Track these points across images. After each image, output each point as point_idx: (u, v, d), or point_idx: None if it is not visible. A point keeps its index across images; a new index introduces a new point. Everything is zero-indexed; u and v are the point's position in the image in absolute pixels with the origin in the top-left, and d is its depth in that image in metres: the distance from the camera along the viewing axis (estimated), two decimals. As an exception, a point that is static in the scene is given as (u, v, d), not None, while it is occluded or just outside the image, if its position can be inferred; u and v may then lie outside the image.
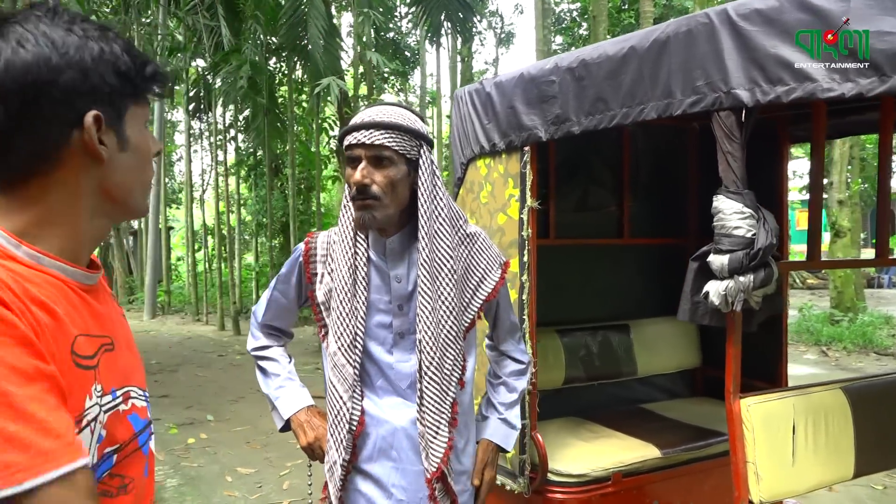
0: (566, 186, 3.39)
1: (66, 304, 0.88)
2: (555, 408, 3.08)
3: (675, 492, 2.81)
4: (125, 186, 0.94)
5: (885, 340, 10.08)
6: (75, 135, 0.87)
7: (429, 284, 1.70)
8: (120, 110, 0.91)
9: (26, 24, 0.85)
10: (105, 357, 0.92)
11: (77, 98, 0.86)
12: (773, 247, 1.81)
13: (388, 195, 1.67)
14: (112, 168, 0.91)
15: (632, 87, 2.11)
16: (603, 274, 3.51)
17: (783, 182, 3.15)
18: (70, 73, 0.85)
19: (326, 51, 10.15)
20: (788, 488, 1.92)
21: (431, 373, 1.70)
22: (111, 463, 0.92)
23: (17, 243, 0.86)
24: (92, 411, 0.87)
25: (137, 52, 0.93)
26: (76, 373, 0.85)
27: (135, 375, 1.00)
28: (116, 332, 0.97)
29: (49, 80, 0.84)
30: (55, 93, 0.84)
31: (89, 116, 0.86)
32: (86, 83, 0.86)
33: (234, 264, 15.66)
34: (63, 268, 0.90)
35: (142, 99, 0.95)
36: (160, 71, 0.96)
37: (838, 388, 2.08)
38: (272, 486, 4.90)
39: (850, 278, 11.79)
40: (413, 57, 18.06)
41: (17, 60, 0.83)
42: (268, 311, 1.97)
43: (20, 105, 0.83)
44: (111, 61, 0.89)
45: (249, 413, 7.02)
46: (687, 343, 3.59)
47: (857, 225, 12.61)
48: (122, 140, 0.92)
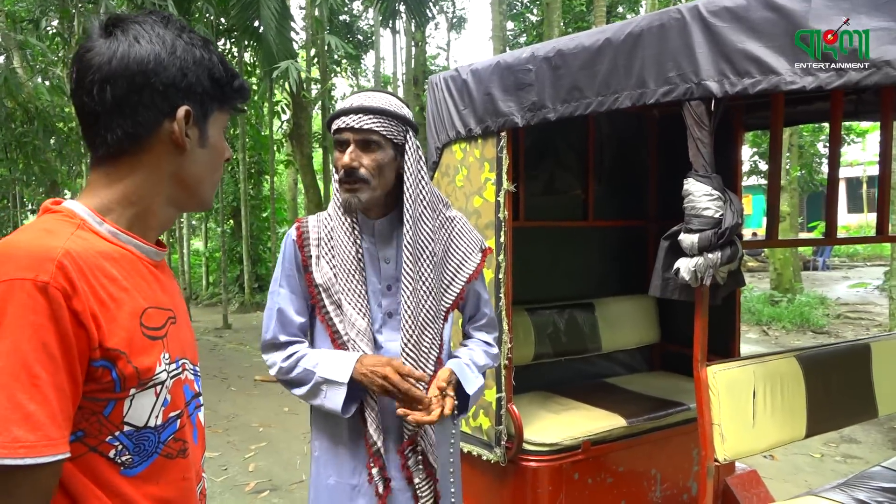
0: (535, 170, 3.51)
1: (138, 278, 0.97)
2: (525, 382, 3.22)
3: (639, 458, 3.00)
4: (198, 178, 1.05)
5: (821, 320, 10.62)
6: (166, 124, 0.98)
7: (411, 266, 1.78)
8: (207, 111, 1.03)
9: (144, 24, 0.97)
10: (171, 329, 1.01)
11: (175, 92, 0.98)
12: (738, 226, 1.97)
13: (376, 178, 1.74)
14: (190, 160, 1.03)
15: (607, 77, 2.23)
16: (569, 255, 3.66)
17: (737, 167, 3.34)
18: (174, 69, 0.97)
19: (279, 33, 10.02)
20: (749, 447, 2.10)
21: (409, 350, 1.78)
22: (175, 427, 1.01)
23: (100, 220, 0.97)
24: (160, 376, 0.96)
25: (231, 66, 1.05)
26: (145, 342, 0.94)
27: (189, 350, 1.09)
28: (178, 307, 1.06)
29: (155, 72, 0.95)
30: (158, 84, 0.96)
31: (182, 110, 0.98)
32: (184, 81, 0.98)
33: (182, 250, 15.35)
34: (137, 244, 1.00)
35: (226, 107, 1.07)
36: (245, 86, 1.09)
37: (792, 356, 2.27)
38: (237, 469, 4.92)
39: (788, 261, 12.36)
40: (366, 40, 17.92)
41: (132, 52, 0.94)
42: (279, 314, 1.85)
43: (126, 90, 0.94)
44: (208, 67, 1.01)
45: (208, 398, 6.96)
46: (647, 320, 3.78)
47: (795, 210, 13.19)
48: (203, 137, 1.04)
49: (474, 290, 1.98)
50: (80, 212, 0.96)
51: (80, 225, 0.94)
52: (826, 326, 10.39)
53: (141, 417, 0.94)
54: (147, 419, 0.95)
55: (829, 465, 4.93)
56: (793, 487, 4.34)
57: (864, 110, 2.93)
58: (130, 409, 0.93)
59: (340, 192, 1.79)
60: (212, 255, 17.97)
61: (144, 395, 0.94)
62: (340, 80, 20.57)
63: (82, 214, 0.96)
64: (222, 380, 7.96)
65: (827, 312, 11.32)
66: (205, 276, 18.46)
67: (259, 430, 5.93)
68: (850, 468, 4.81)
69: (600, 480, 2.86)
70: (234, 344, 10.73)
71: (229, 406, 6.73)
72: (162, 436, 0.98)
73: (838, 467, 4.88)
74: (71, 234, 0.91)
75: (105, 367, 0.88)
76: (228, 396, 7.15)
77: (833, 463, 4.99)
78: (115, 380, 0.89)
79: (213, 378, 7.89)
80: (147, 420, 0.95)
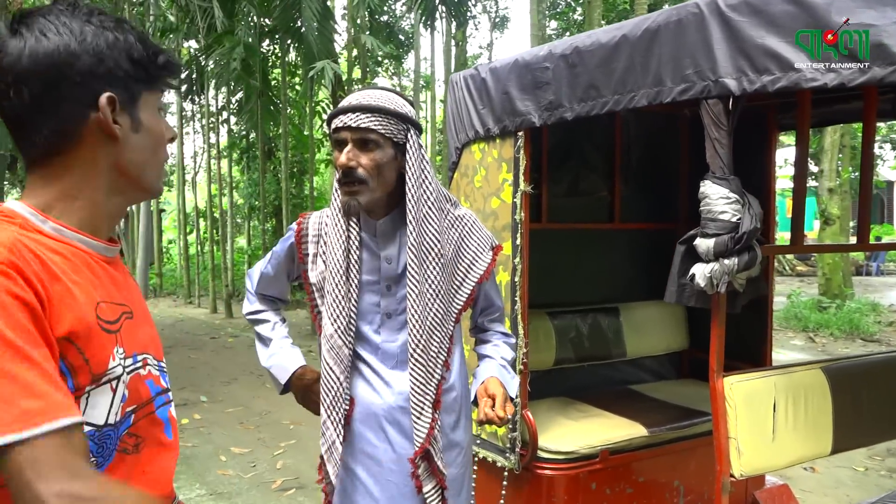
0: (558, 171, 3.44)
1: (88, 273, 0.95)
2: (545, 388, 3.16)
3: (661, 469, 2.90)
4: (138, 164, 1.02)
5: (872, 327, 10.23)
6: (92, 115, 0.95)
7: (416, 268, 1.74)
8: (134, 95, 0.99)
9: (49, 16, 0.94)
10: (126, 324, 0.99)
11: (93, 81, 0.94)
12: (757, 231, 1.88)
13: (374, 178, 1.70)
14: (126, 147, 0.99)
15: (623, 75, 2.16)
16: (593, 258, 3.57)
17: (771, 169, 3.21)
18: (87, 57, 0.93)
19: (320, 33, 10.11)
20: (768, 463, 2.00)
21: (418, 354, 1.75)
22: (130, 422, 0.99)
23: (43, 218, 0.94)
24: (115, 371, 0.94)
25: (152, 42, 1.01)
26: (101, 335, 0.92)
27: (151, 345, 1.07)
28: (135, 303, 1.04)
29: (68, 64, 0.92)
30: (73, 76, 0.93)
31: (104, 97, 0.95)
32: (101, 67, 0.94)
33: (226, 247, 15.65)
34: (84, 240, 0.98)
35: (155, 86, 1.03)
36: (172, 61, 1.04)
37: (818, 368, 2.16)
38: (266, 466, 4.97)
39: (838, 265, 11.93)
40: (407, 40, 17.98)
41: (40, 48, 0.91)
42: (261, 281, 2.02)
43: (42, 87, 0.92)
44: (125, 49, 0.97)
45: (242, 395, 7.08)
46: (675, 326, 3.67)
47: (847, 213, 12.73)
48: (135, 122, 1.00)
49: (485, 286, 1.94)
50: (21, 211, 0.94)
51: (21, 224, 0.92)
52: (877, 334, 10.00)
53: (100, 416, 0.93)
54: (106, 417, 0.93)
55: (873, 480, 4.72)
56: (832, 502, 4.17)
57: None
58: (88, 408, 0.91)
59: (339, 194, 1.76)
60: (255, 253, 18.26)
61: (100, 391, 0.92)
62: (383, 80, 20.69)
63: (23, 213, 0.94)
64: (258, 377, 8.07)
65: (879, 319, 10.89)
66: (247, 274, 18.79)
67: (290, 427, 5.97)
68: (895, 483, 4.60)
69: (619, 491, 2.78)
70: (272, 341, 10.85)
71: (263, 403, 6.80)
72: (119, 430, 0.96)
73: (883, 482, 4.67)
74: (14, 233, 0.89)
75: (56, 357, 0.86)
76: (262, 393, 7.22)
77: (877, 477, 4.77)
78: (64, 372, 0.87)
79: (248, 374, 7.99)
80: (107, 418, 0.93)
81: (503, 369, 1.89)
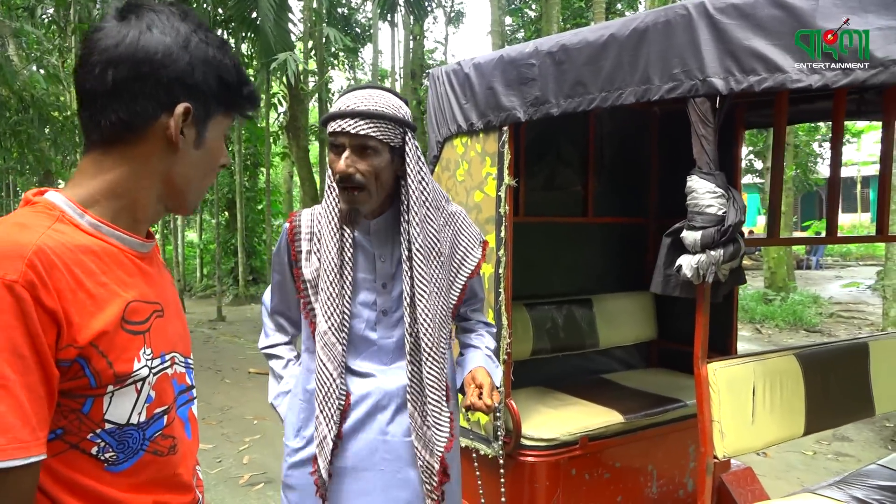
0: (535, 166, 3.51)
1: (120, 272, 0.95)
2: (523, 378, 3.22)
3: (636, 454, 3.00)
4: (187, 180, 1.02)
5: (814, 318, 10.68)
6: (163, 118, 0.95)
7: (424, 268, 1.76)
8: (209, 112, 1.00)
9: (160, 14, 0.95)
10: (156, 322, 0.98)
11: (178, 87, 0.95)
12: (741, 224, 1.97)
13: (373, 183, 1.70)
14: (182, 160, 0.99)
15: (611, 73, 2.23)
16: (568, 250, 3.66)
17: (737, 164, 3.34)
18: (182, 64, 0.94)
19: (277, 25, 9.97)
20: (748, 444, 2.11)
21: (432, 352, 1.77)
22: (163, 423, 0.99)
23: (81, 212, 0.94)
24: (140, 373, 0.94)
25: (243, 71, 1.03)
26: (127, 338, 0.92)
27: (180, 342, 1.07)
28: (167, 299, 1.04)
29: (163, 64, 0.93)
30: (162, 77, 0.93)
31: (181, 106, 0.95)
32: (191, 77, 0.95)
33: (176, 241, 15.31)
34: (121, 236, 0.97)
35: (230, 111, 1.04)
36: (256, 94, 1.06)
37: (791, 354, 2.28)
38: (232, 461, 4.92)
39: (782, 260, 12.41)
40: (363, 33, 17.86)
41: (142, 40, 0.92)
42: (275, 295, 1.99)
43: (128, 77, 0.92)
44: (219, 68, 0.98)
45: (202, 390, 6.94)
46: (644, 317, 3.79)
47: (790, 209, 13.24)
48: (200, 139, 1.00)
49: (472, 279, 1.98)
50: (61, 203, 0.93)
51: (58, 217, 0.91)
52: (819, 325, 10.45)
53: (122, 415, 0.93)
54: (129, 416, 0.93)
55: (821, 463, 4.96)
56: (785, 485, 4.37)
57: (867, 110, 2.93)
58: (111, 407, 0.91)
59: (339, 202, 1.76)
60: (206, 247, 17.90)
61: (124, 392, 0.92)
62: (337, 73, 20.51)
63: (62, 206, 0.93)
64: (216, 372, 7.95)
65: (820, 311, 11.38)
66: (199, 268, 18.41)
67: (253, 422, 5.92)
68: (842, 466, 4.84)
69: (597, 476, 2.87)
70: (227, 336, 10.72)
71: (223, 398, 6.72)
72: (147, 433, 0.96)
73: (830, 465, 4.91)
74: (47, 227, 0.88)
75: (79, 364, 0.86)
76: (222, 388, 7.14)
77: (825, 461, 5.02)
78: (89, 377, 0.88)
79: (207, 370, 7.88)
80: (129, 417, 0.93)
81: (488, 359, 1.95)
